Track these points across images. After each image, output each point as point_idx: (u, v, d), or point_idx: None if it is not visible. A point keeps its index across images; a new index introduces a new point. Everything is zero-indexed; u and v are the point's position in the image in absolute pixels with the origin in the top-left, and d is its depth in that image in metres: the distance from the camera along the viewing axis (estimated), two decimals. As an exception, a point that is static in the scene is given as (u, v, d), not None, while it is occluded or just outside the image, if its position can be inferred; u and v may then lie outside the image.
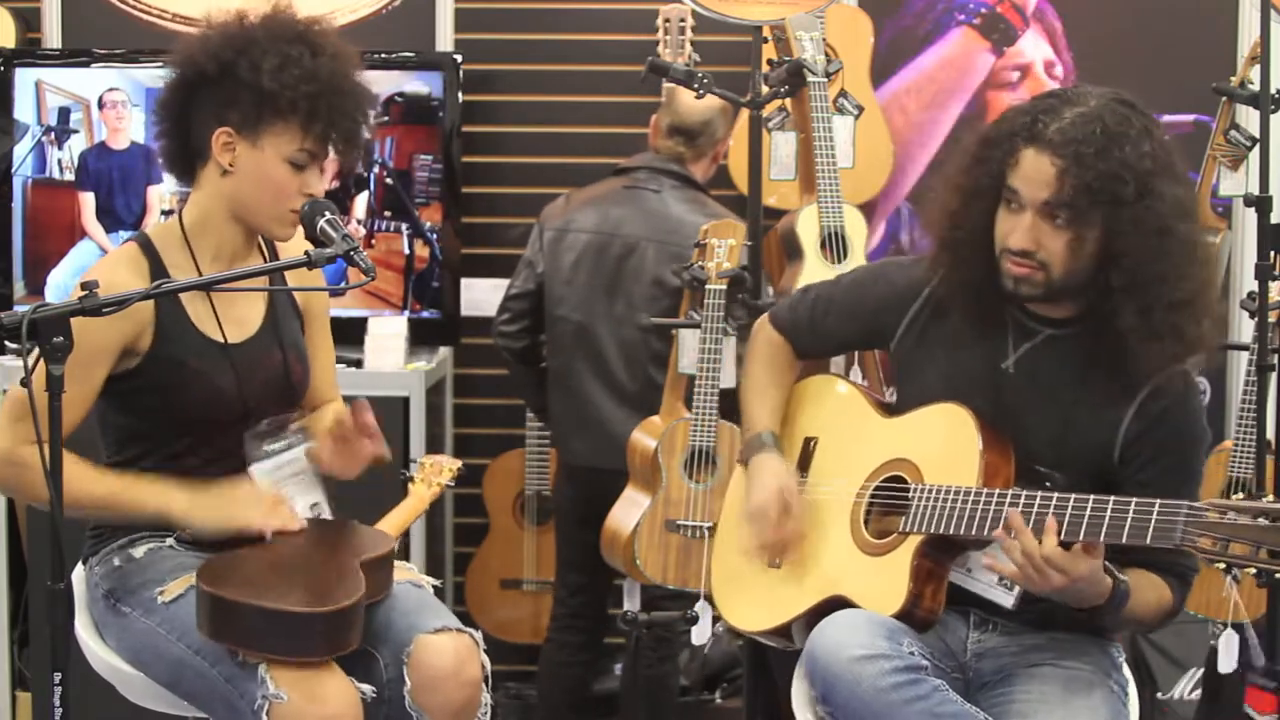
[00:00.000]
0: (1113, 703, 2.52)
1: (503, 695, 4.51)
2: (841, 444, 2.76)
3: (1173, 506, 2.29)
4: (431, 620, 2.59)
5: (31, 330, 2.16)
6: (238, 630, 2.46)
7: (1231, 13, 4.46)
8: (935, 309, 2.68)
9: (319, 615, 2.45)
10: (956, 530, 2.48)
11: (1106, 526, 2.34)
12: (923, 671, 2.41)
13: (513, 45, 4.65)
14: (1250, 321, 3.45)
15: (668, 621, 3.66)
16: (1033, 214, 2.48)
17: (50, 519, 2.17)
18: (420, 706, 2.55)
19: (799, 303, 2.89)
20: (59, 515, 2.16)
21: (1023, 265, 2.50)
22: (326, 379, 2.92)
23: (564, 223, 3.98)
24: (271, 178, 2.62)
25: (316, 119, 2.60)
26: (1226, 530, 2.24)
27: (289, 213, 2.63)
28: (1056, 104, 2.51)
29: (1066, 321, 2.59)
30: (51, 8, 4.56)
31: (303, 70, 2.59)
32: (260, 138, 2.61)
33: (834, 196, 3.55)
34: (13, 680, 4.25)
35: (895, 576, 2.53)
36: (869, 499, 2.66)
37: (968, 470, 2.51)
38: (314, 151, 2.63)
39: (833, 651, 2.43)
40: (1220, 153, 3.58)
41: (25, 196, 4.30)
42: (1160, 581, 2.53)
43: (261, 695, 2.42)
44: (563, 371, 4.00)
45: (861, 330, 2.81)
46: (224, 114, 2.61)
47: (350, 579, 2.52)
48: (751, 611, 2.79)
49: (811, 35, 3.55)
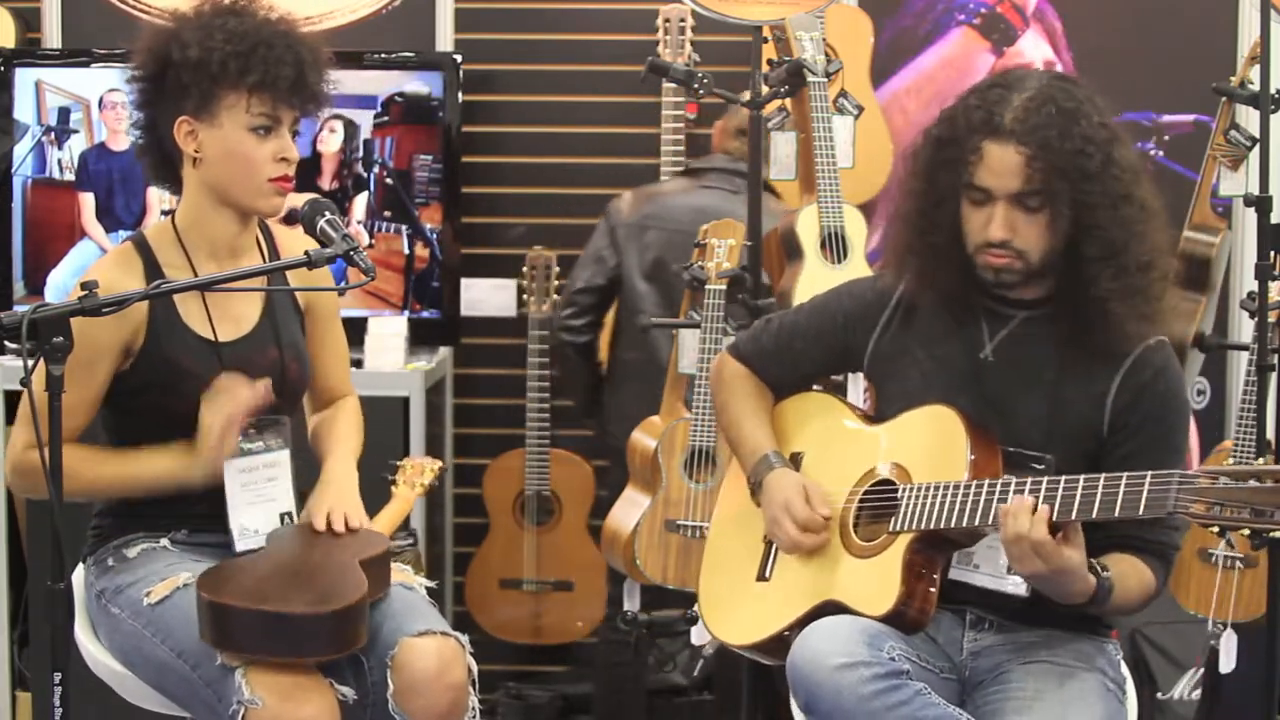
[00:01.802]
0: (1109, 700, 2.52)
1: (503, 695, 4.51)
2: (828, 455, 2.74)
3: (1164, 476, 2.30)
4: (416, 623, 2.58)
5: (31, 330, 2.16)
6: (242, 637, 2.45)
7: (1231, 13, 4.45)
8: (905, 313, 2.68)
9: (324, 616, 2.45)
10: (946, 524, 2.47)
11: (1099, 503, 2.34)
12: (904, 676, 2.40)
13: (513, 45, 4.65)
14: (1250, 321, 3.45)
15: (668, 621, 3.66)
16: (1005, 204, 2.50)
17: (50, 519, 2.17)
18: (404, 710, 2.53)
19: (761, 333, 2.87)
20: (59, 515, 2.16)
21: (1001, 256, 2.52)
22: (338, 375, 2.93)
23: (640, 219, 3.98)
24: (238, 151, 2.62)
25: (250, 72, 2.59)
26: (1219, 495, 2.25)
27: (266, 183, 2.63)
28: (1002, 92, 2.53)
29: (1038, 302, 2.60)
30: (51, 8, 4.56)
31: (227, 33, 2.59)
32: (215, 115, 2.61)
33: (834, 196, 3.55)
34: (13, 680, 4.25)
35: (886, 577, 2.52)
36: (857, 505, 2.64)
37: (957, 472, 2.50)
38: (269, 112, 2.62)
39: (813, 660, 2.43)
40: (1220, 153, 3.58)
41: (25, 196, 4.30)
42: (1142, 565, 2.53)
43: (237, 700, 2.41)
44: (637, 365, 4.00)
45: (831, 352, 2.78)
46: (178, 105, 2.62)
47: (352, 577, 2.52)
48: (742, 625, 2.75)
49: (811, 35, 3.55)
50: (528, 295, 4.54)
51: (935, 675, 2.52)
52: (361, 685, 2.56)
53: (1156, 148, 4.52)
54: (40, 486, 2.54)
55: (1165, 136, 4.53)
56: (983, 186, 2.51)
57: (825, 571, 2.64)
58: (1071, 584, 2.41)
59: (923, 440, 2.59)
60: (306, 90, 2.66)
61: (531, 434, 4.53)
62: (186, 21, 2.64)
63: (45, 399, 2.17)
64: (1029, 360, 2.59)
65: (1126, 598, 2.50)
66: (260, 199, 2.65)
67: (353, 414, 2.92)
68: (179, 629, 2.52)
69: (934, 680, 2.50)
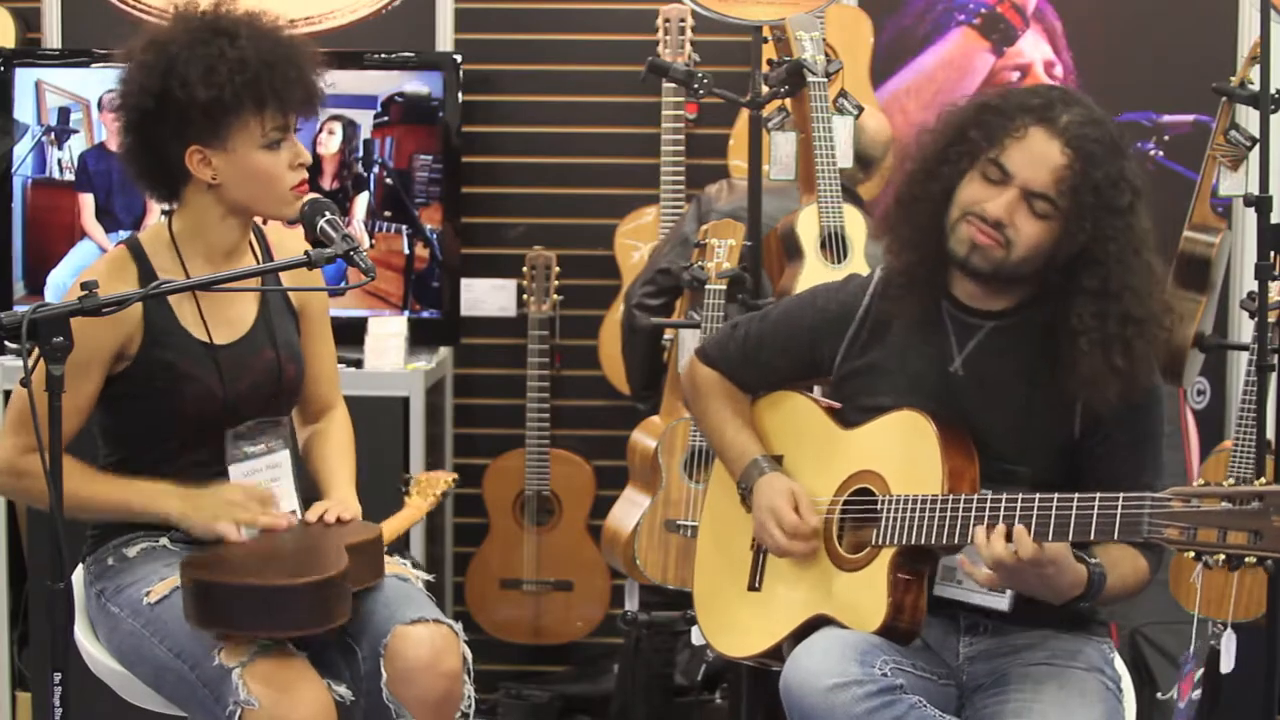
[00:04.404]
0: (1108, 699, 2.52)
1: (503, 695, 4.51)
2: (806, 459, 2.73)
3: (1137, 499, 2.28)
4: (409, 611, 2.58)
5: (31, 330, 2.16)
6: (222, 612, 2.45)
7: (1231, 13, 4.45)
8: (874, 325, 2.65)
9: (300, 586, 2.45)
10: (927, 540, 2.46)
11: (1074, 525, 2.32)
12: (898, 691, 2.39)
13: (513, 45, 4.65)
14: (1250, 321, 3.45)
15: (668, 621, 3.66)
16: (1018, 193, 2.46)
17: (50, 519, 2.17)
18: (398, 698, 2.53)
19: (728, 340, 2.85)
20: (59, 516, 2.16)
21: (988, 235, 2.48)
22: (328, 381, 2.92)
23: (733, 209, 3.95)
24: (257, 171, 2.62)
25: (265, 100, 2.60)
26: (1192, 519, 2.22)
27: (289, 192, 2.64)
28: (1066, 96, 2.51)
29: (1005, 313, 2.58)
30: (51, 8, 4.56)
31: (229, 64, 2.58)
32: (227, 142, 2.61)
33: (834, 196, 3.55)
34: (13, 680, 4.25)
35: (874, 592, 2.51)
36: (840, 514, 2.63)
37: (931, 478, 2.49)
38: (280, 126, 2.63)
39: (806, 682, 2.42)
40: (1220, 153, 3.57)
41: (25, 196, 4.30)
42: (1133, 550, 2.51)
43: (233, 701, 2.41)
44: None
45: (797, 363, 2.76)
46: (184, 135, 2.61)
47: (333, 555, 2.51)
48: (738, 638, 2.76)
49: (811, 35, 3.55)
50: (528, 295, 4.54)
51: (933, 683, 2.52)
52: (355, 675, 2.56)
53: (1156, 148, 4.52)
54: (31, 492, 2.56)
55: (1165, 136, 4.53)
56: (1007, 167, 2.47)
57: (815, 584, 2.63)
58: (1061, 578, 2.39)
59: (897, 448, 2.57)
60: (313, 97, 2.68)
61: (531, 434, 4.54)
62: (177, 51, 2.59)
63: (45, 399, 2.16)
64: (999, 372, 2.56)
65: (1123, 584, 2.49)
66: (285, 207, 2.66)
67: (345, 433, 2.91)
68: (177, 629, 2.52)
69: (931, 688, 2.50)
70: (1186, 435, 4.42)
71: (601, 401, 4.63)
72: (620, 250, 4.60)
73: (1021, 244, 2.48)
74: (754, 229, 3.55)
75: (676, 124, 4.47)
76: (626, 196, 4.61)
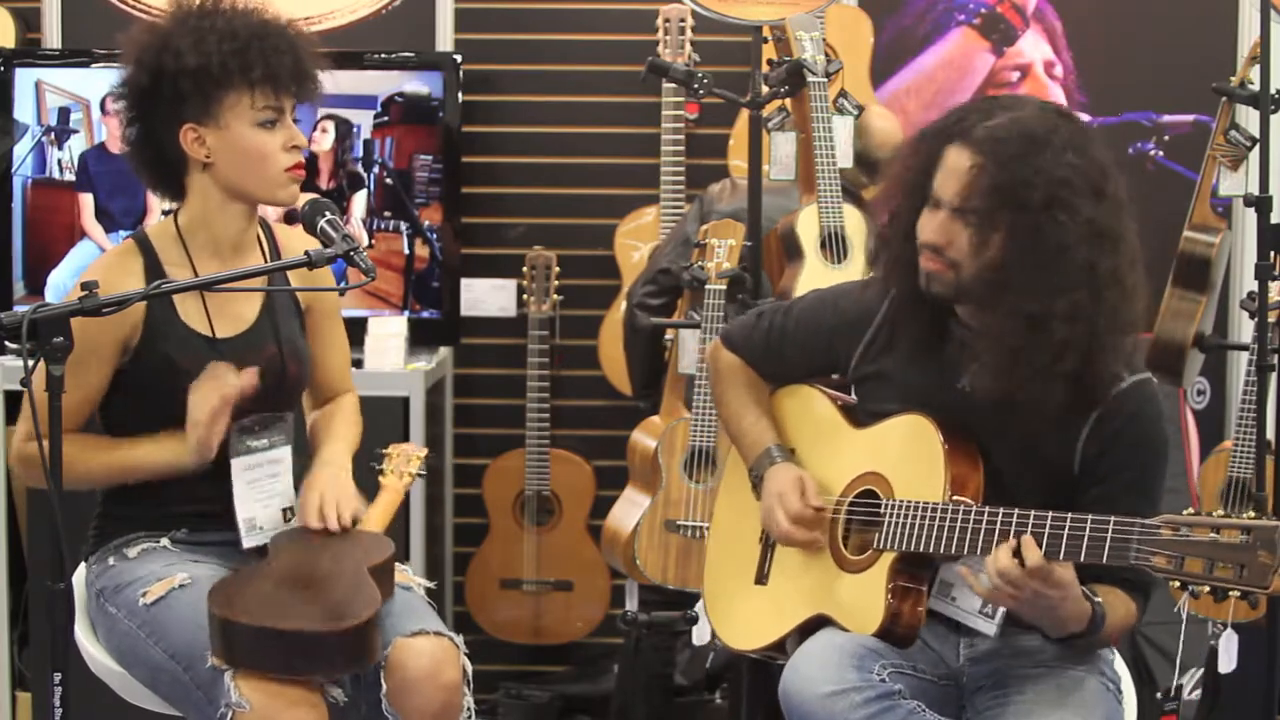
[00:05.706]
0: (1108, 700, 2.52)
1: (503, 695, 4.51)
2: (818, 456, 2.74)
3: (1126, 525, 2.27)
4: (410, 623, 2.58)
5: (31, 330, 2.16)
6: (254, 654, 2.43)
7: (1231, 13, 4.46)
8: (889, 337, 2.66)
9: (338, 633, 2.44)
10: (927, 548, 2.46)
11: (1065, 543, 2.31)
12: (896, 696, 2.39)
13: (513, 45, 4.65)
14: (1250, 321, 3.45)
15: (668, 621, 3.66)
16: (947, 212, 2.46)
17: (50, 519, 2.17)
18: (397, 709, 2.53)
19: (753, 329, 2.85)
20: (59, 516, 2.16)
21: (934, 261, 2.48)
22: (339, 372, 2.93)
23: (734, 210, 3.95)
24: (250, 148, 2.63)
25: (252, 68, 2.60)
26: (1180, 548, 2.21)
27: (282, 174, 2.65)
28: (992, 107, 2.49)
29: None
30: (51, 8, 4.56)
31: (219, 33, 2.60)
32: (220, 117, 2.62)
33: (834, 196, 3.55)
34: (13, 680, 4.25)
35: (873, 595, 2.52)
36: (846, 514, 2.64)
37: (934, 483, 2.49)
38: (272, 104, 2.64)
39: (804, 689, 2.43)
40: (1220, 153, 3.58)
41: (25, 196, 4.30)
42: (1126, 597, 2.52)
43: (225, 703, 2.41)
44: None
45: (816, 362, 2.78)
46: (179, 113, 2.62)
47: (365, 590, 2.50)
48: (742, 631, 2.78)
49: (811, 35, 3.55)
50: (528, 295, 4.54)
51: (933, 684, 2.52)
52: (354, 685, 2.55)
53: (1156, 148, 4.53)
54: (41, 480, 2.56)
55: (1165, 136, 4.53)
56: (934, 191, 2.48)
57: (818, 582, 2.64)
58: (1065, 606, 2.39)
59: (901, 451, 2.58)
60: (304, 75, 2.68)
61: (531, 434, 4.54)
62: (171, 28, 2.63)
63: (45, 399, 2.17)
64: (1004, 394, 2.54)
65: (1113, 628, 2.49)
66: (279, 189, 2.67)
67: (351, 409, 2.93)
68: (173, 630, 2.53)
69: (931, 689, 2.50)
70: (1186, 435, 4.42)
71: (601, 401, 4.63)
72: (620, 250, 4.60)
73: (966, 261, 2.46)
74: (754, 229, 3.55)
75: (676, 124, 4.47)
76: (626, 196, 4.61)
